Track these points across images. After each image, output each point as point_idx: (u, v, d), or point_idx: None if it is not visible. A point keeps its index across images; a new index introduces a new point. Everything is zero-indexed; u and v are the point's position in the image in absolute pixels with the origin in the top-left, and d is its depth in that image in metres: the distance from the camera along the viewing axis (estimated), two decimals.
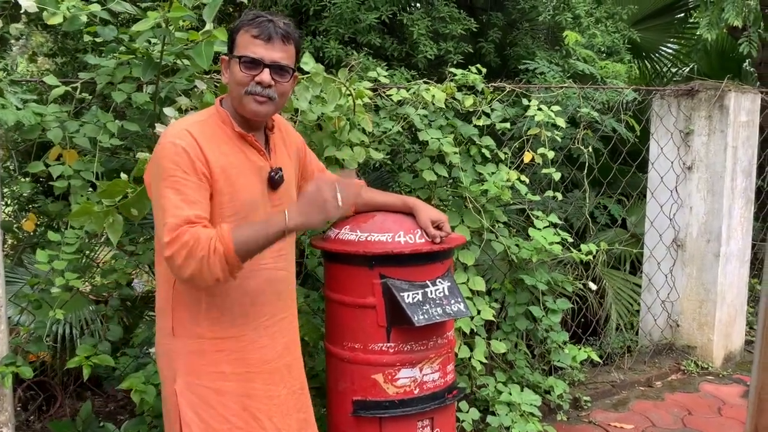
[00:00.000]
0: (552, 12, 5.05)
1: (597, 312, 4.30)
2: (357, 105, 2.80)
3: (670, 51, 6.85)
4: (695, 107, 4.32)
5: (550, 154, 3.30)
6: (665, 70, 6.85)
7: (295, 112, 2.71)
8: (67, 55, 5.30)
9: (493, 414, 3.19)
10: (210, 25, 2.38)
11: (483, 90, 3.28)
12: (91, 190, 2.51)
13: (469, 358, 3.12)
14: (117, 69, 2.52)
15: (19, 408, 3.44)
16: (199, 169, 1.78)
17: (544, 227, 3.34)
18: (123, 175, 2.22)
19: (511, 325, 3.41)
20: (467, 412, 3.13)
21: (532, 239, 3.29)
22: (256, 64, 1.84)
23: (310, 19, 4.75)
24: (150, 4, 2.51)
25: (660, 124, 4.40)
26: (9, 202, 4.32)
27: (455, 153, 3.06)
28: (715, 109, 4.24)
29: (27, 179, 3.39)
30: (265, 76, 1.84)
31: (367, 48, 4.54)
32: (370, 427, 2.38)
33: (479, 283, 3.15)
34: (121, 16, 4.36)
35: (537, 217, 3.40)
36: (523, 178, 3.23)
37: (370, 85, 3.00)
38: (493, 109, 3.34)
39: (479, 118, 3.25)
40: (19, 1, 2.08)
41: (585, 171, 3.81)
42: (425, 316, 2.29)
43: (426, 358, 2.40)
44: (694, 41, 6.19)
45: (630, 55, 5.75)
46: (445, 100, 3.13)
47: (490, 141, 3.25)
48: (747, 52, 4.96)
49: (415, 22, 4.61)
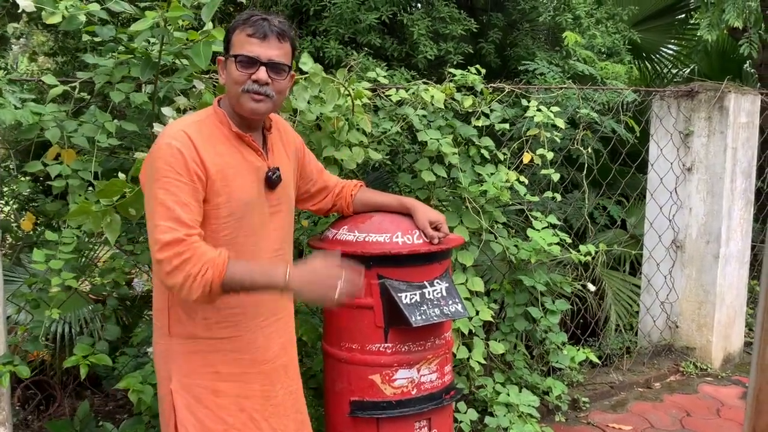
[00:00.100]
0: (552, 13, 5.05)
1: (596, 313, 4.30)
2: (356, 105, 2.80)
3: (670, 52, 6.85)
4: (695, 108, 4.32)
5: (549, 155, 3.29)
6: (666, 71, 6.84)
7: (294, 113, 2.71)
8: (67, 54, 5.30)
9: (492, 415, 3.19)
10: (209, 25, 2.38)
11: (482, 90, 3.28)
12: (91, 189, 2.51)
13: (468, 358, 3.12)
14: (116, 68, 2.52)
15: (18, 407, 3.44)
16: (193, 171, 1.78)
17: (542, 228, 3.34)
18: (121, 174, 2.22)
19: (509, 325, 3.41)
20: (465, 412, 3.13)
21: (531, 240, 3.29)
22: (252, 62, 1.84)
23: (310, 19, 4.75)
24: (149, 3, 2.50)
25: (660, 125, 4.39)
26: (9, 201, 4.33)
27: (454, 153, 3.05)
28: (715, 111, 4.24)
29: (27, 178, 3.39)
30: (262, 74, 1.84)
31: (367, 48, 4.54)
32: (367, 428, 2.37)
33: (478, 284, 3.15)
34: (121, 16, 4.36)
35: (536, 217, 3.40)
36: (522, 178, 3.23)
37: (369, 85, 2.99)
38: (492, 110, 3.34)
39: (478, 118, 3.25)
40: (18, 0, 2.08)
41: (584, 172, 3.80)
42: (423, 317, 2.28)
43: (423, 359, 2.39)
44: (695, 42, 6.19)
45: (630, 56, 5.74)
46: (445, 100, 3.13)
47: (489, 141, 3.25)
48: (747, 53, 4.96)
49: (415, 22, 4.61)
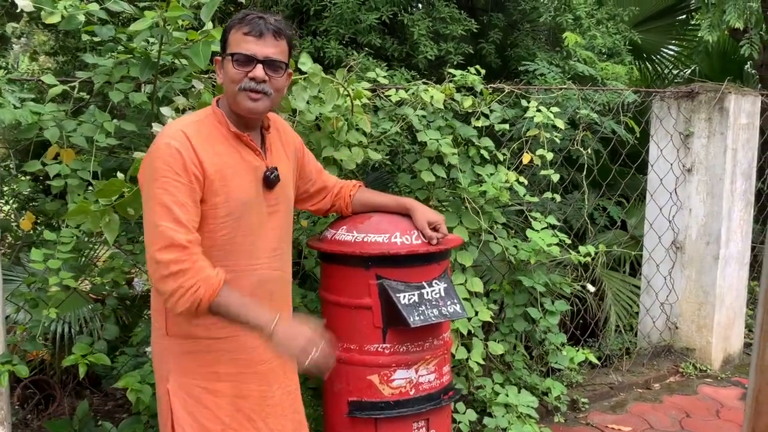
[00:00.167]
0: (553, 13, 5.04)
1: (596, 314, 4.29)
2: (355, 105, 2.80)
3: (671, 53, 6.84)
4: (695, 109, 4.32)
5: (549, 156, 3.29)
6: (666, 71, 6.83)
7: (293, 113, 2.71)
8: (68, 53, 5.31)
9: (490, 415, 3.19)
10: (209, 25, 2.38)
11: (482, 91, 3.28)
12: (91, 189, 2.51)
13: (467, 359, 3.12)
14: (115, 68, 2.53)
15: (17, 406, 3.44)
16: (192, 171, 1.78)
17: (541, 229, 3.34)
18: (119, 174, 2.22)
19: (509, 326, 3.41)
20: (464, 413, 3.13)
21: (530, 241, 3.29)
22: (249, 60, 1.84)
23: (310, 19, 4.75)
24: (148, 3, 2.51)
25: (660, 126, 4.39)
26: (9, 201, 4.33)
27: (454, 154, 3.05)
28: (715, 112, 4.24)
29: (27, 178, 3.39)
30: (259, 71, 1.84)
31: (367, 48, 4.54)
32: (365, 428, 2.38)
33: (477, 285, 3.14)
34: (122, 15, 4.36)
35: (535, 218, 3.40)
36: (521, 179, 3.23)
37: (369, 85, 2.99)
38: (492, 110, 3.33)
39: (478, 119, 3.25)
40: (16, 0, 2.09)
41: (584, 172, 3.80)
42: (421, 318, 2.28)
43: (422, 359, 2.39)
44: (696, 43, 6.18)
45: (631, 57, 5.74)
46: (444, 101, 3.13)
47: (489, 142, 3.25)
48: (748, 54, 4.96)
49: (415, 22, 4.61)
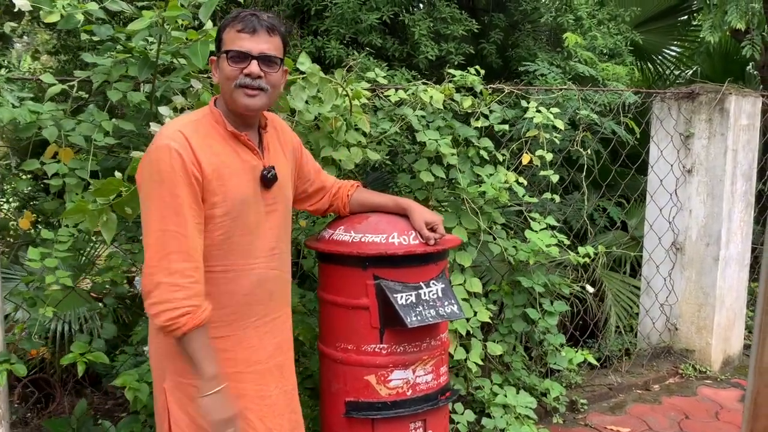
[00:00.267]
0: (554, 14, 5.04)
1: (596, 314, 4.29)
2: (354, 105, 2.80)
3: (673, 53, 6.82)
4: (695, 110, 4.31)
5: (549, 156, 3.29)
6: (668, 72, 6.82)
7: (292, 113, 2.71)
8: (69, 52, 5.31)
9: (489, 416, 3.19)
10: (209, 24, 2.38)
11: (482, 91, 3.28)
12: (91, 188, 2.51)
13: (465, 359, 3.12)
14: (114, 67, 2.53)
15: (17, 405, 3.45)
16: (191, 173, 1.79)
17: (540, 229, 3.34)
18: (117, 173, 2.23)
19: (508, 326, 3.41)
20: (462, 413, 3.13)
21: (529, 241, 3.29)
22: (243, 56, 1.85)
23: (311, 18, 4.75)
24: (146, 3, 2.51)
25: (660, 127, 4.38)
26: (10, 200, 4.34)
27: (453, 154, 3.05)
28: (716, 113, 4.23)
29: (28, 176, 3.40)
30: (254, 67, 1.85)
31: (368, 48, 4.54)
32: (362, 429, 2.37)
33: (476, 285, 3.14)
34: (124, 15, 4.37)
35: (534, 219, 3.40)
36: (521, 179, 3.22)
37: (368, 85, 2.99)
38: (491, 111, 3.33)
39: (478, 119, 3.25)
40: (14, 0, 2.09)
41: (584, 173, 3.80)
42: (418, 318, 2.28)
43: (419, 360, 2.39)
44: (697, 44, 6.17)
45: (632, 57, 5.74)
46: (444, 101, 3.12)
47: (488, 142, 3.24)
48: (750, 55, 4.95)
49: (416, 22, 4.61)
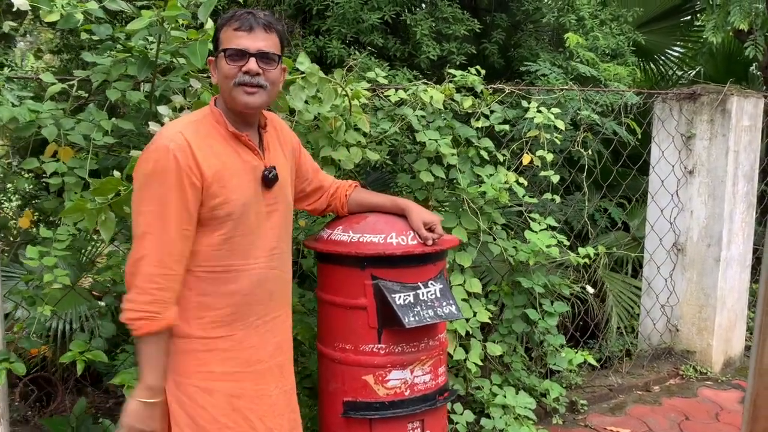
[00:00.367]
0: (556, 14, 5.04)
1: (596, 315, 4.28)
2: (353, 105, 2.80)
3: (675, 54, 6.82)
4: (697, 111, 4.30)
5: (550, 157, 3.28)
6: (671, 73, 6.81)
7: (291, 113, 2.71)
8: (71, 52, 5.32)
9: (488, 416, 3.19)
10: (208, 24, 2.38)
11: (482, 91, 3.28)
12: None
13: (465, 360, 3.12)
14: (113, 67, 2.53)
15: (18, 403, 3.46)
16: (187, 177, 1.79)
17: (540, 230, 3.33)
18: (116, 172, 2.23)
19: (507, 327, 3.40)
20: (461, 414, 3.13)
21: (529, 242, 3.28)
22: (241, 54, 1.85)
23: (313, 18, 4.76)
24: (146, 2, 2.51)
25: (661, 128, 4.38)
26: (12, 198, 4.35)
27: (453, 154, 3.05)
28: (717, 113, 4.22)
29: (29, 175, 3.40)
30: (252, 64, 1.85)
31: (370, 48, 4.54)
32: (360, 429, 2.37)
33: (476, 285, 3.14)
34: (124, 14, 4.37)
35: (534, 219, 3.39)
36: (521, 180, 3.22)
37: (368, 85, 2.99)
38: (492, 111, 3.33)
39: (478, 119, 3.25)
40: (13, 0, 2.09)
41: (585, 173, 3.79)
42: (416, 318, 2.28)
43: (417, 360, 2.39)
44: (700, 44, 6.16)
45: (635, 58, 5.73)
46: (444, 101, 3.12)
47: (488, 143, 3.24)
48: (753, 55, 4.94)
49: (418, 22, 4.61)
